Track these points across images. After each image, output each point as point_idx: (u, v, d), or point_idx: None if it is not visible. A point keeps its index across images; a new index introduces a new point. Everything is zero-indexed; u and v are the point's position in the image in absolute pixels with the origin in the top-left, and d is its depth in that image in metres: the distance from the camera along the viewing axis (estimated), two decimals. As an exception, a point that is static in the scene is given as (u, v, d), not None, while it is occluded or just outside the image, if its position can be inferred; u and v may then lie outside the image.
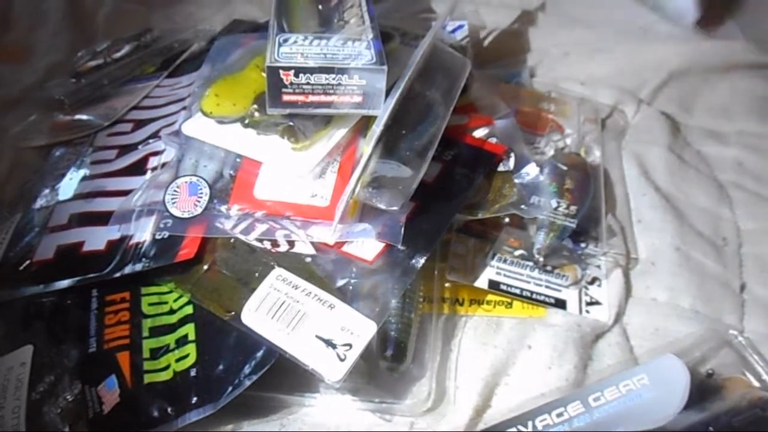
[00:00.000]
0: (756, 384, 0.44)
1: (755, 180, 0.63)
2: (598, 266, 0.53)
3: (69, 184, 0.55)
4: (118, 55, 0.68)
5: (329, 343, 0.41)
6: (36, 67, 0.71)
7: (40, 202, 0.54)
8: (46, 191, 0.55)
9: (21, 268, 0.49)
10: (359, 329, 0.41)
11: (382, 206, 0.44)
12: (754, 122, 0.69)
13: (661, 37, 0.72)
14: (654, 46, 0.72)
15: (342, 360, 0.40)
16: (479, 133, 0.54)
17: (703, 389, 0.43)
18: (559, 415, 0.42)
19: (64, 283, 0.47)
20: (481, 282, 0.51)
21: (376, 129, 0.44)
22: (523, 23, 0.79)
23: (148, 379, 0.43)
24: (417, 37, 0.58)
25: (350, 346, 0.41)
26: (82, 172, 0.56)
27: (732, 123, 0.69)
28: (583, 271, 0.53)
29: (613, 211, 0.58)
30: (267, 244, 0.46)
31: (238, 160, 0.49)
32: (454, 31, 0.70)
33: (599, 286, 0.52)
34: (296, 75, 0.43)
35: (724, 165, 0.65)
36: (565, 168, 0.55)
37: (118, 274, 0.46)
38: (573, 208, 0.52)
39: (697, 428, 0.40)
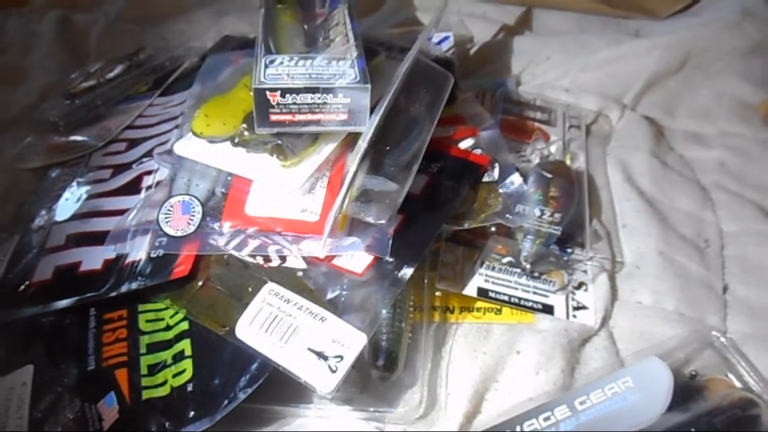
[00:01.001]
0: (738, 384, 0.46)
1: (737, 181, 0.64)
2: (585, 271, 0.54)
3: (65, 205, 0.56)
4: (111, 75, 0.69)
5: (321, 356, 0.42)
6: (30, 89, 0.73)
7: (37, 223, 0.55)
8: (43, 212, 0.56)
9: (20, 289, 0.50)
10: (350, 341, 0.42)
11: (370, 220, 0.45)
12: (736, 123, 0.70)
13: (642, 42, 0.73)
14: (635, 51, 0.73)
15: (333, 371, 0.41)
16: (464, 144, 0.55)
17: (686, 390, 0.44)
18: (546, 419, 0.43)
19: (63, 303, 0.48)
20: (470, 290, 0.52)
21: (362, 144, 0.45)
22: (508, 32, 0.80)
23: (146, 395, 0.44)
24: (402, 50, 0.59)
25: (341, 357, 0.42)
26: (78, 192, 0.57)
27: (714, 125, 0.71)
28: (569, 277, 0.54)
29: (599, 217, 0.59)
30: (259, 260, 0.47)
31: (229, 178, 0.50)
32: (440, 42, 0.71)
33: (586, 290, 0.54)
34: (283, 95, 0.44)
35: (707, 167, 0.66)
36: (549, 176, 0.56)
37: (114, 293, 0.47)
38: (557, 215, 0.53)
39: (680, 429, 0.41)
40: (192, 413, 0.43)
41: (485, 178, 0.54)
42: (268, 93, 0.44)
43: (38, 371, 0.46)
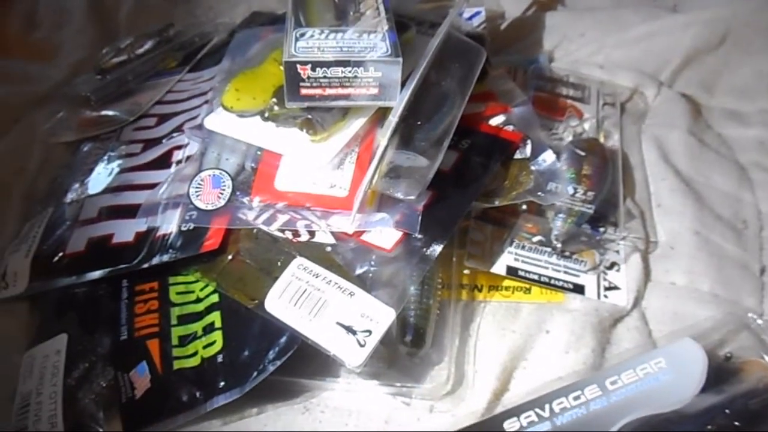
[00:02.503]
0: (774, 367, 0.45)
1: (777, 159, 0.62)
2: (617, 251, 0.53)
3: (97, 179, 0.57)
4: (141, 50, 0.69)
5: (349, 330, 0.42)
6: (62, 64, 0.74)
7: (70, 196, 0.56)
8: (76, 185, 0.57)
9: (54, 260, 0.51)
10: (378, 316, 0.42)
11: (400, 195, 0.45)
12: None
13: (680, 18, 0.71)
14: (672, 26, 0.71)
15: (362, 346, 0.41)
16: (496, 120, 0.54)
17: (720, 372, 0.43)
18: (576, 398, 0.42)
19: (96, 274, 0.49)
20: (499, 268, 0.52)
21: (392, 119, 0.44)
22: (541, 8, 0.79)
23: (177, 365, 0.45)
24: (433, 25, 0.58)
25: (370, 332, 0.42)
26: (110, 166, 0.58)
27: (754, 103, 0.68)
28: (601, 256, 0.53)
29: (633, 196, 0.58)
30: (288, 234, 0.47)
31: (258, 152, 0.50)
32: (471, 17, 0.70)
33: (618, 270, 0.53)
34: (313, 69, 0.44)
35: (746, 146, 0.64)
36: (582, 153, 0.55)
37: (146, 265, 0.48)
38: (590, 193, 0.53)
39: (714, 411, 0.41)
40: (222, 383, 0.44)
41: (517, 155, 0.53)
42: (298, 66, 0.44)
43: (72, 340, 0.47)
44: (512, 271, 0.52)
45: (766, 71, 0.70)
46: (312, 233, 0.47)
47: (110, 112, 0.64)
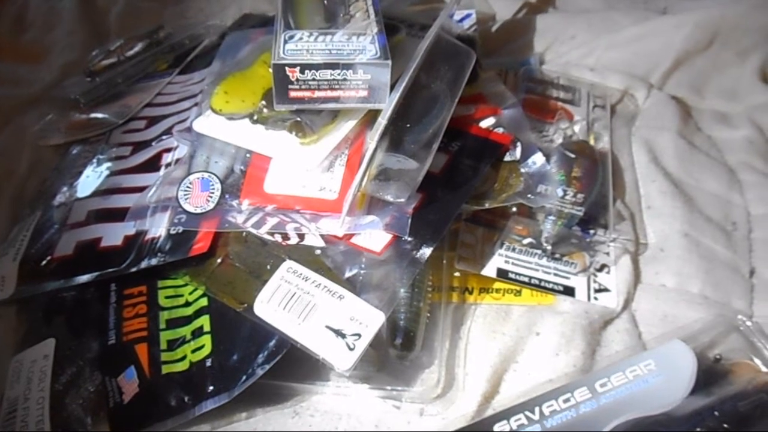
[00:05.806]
0: (763, 369, 0.44)
1: (766, 160, 0.63)
2: (607, 253, 0.54)
3: (86, 182, 0.57)
4: (131, 53, 0.69)
5: (339, 333, 0.42)
6: (52, 67, 0.73)
7: (59, 200, 0.56)
8: (65, 189, 0.57)
9: (42, 264, 0.50)
10: (368, 319, 0.42)
11: (389, 198, 0.44)
12: (761, 93, 0.68)
13: (670, 19, 0.71)
14: (663, 28, 0.71)
15: (351, 349, 0.41)
16: (486, 123, 0.54)
17: (710, 374, 0.43)
18: (566, 400, 0.42)
19: (84, 278, 0.49)
20: (490, 270, 0.52)
21: (382, 122, 0.44)
22: (532, 10, 0.79)
23: (165, 369, 0.45)
24: (423, 27, 0.58)
25: (359, 335, 0.42)
26: (99, 169, 0.58)
27: (743, 104, 0.69)
28: (591, 258, 0.53)
29: (623, 198, 0.58)
30: (278, 237, 0.47)
31: (248, 155, 0.50)
32: (462, 20, 0.70)
33: (608, 272, 0.53)
34: (302, 71, 0.43)
35: (735, 147, 0.65)
36: (572, 156, 0.55)
37: (135, 269, 0.48)
38: (580, 196, 0.53)
39: (704, 413, 0.41)
40: (211, 388, 0.43)
41: (507, 158, 0.53)
42: (287, 69, 0.43)
43: (60, 345, 0.47)
44: (502, 274, 0.52)
45: (755, 72, 0.70)
46: (301, 236, 0.47)
47: (100, 115, 0.64)
